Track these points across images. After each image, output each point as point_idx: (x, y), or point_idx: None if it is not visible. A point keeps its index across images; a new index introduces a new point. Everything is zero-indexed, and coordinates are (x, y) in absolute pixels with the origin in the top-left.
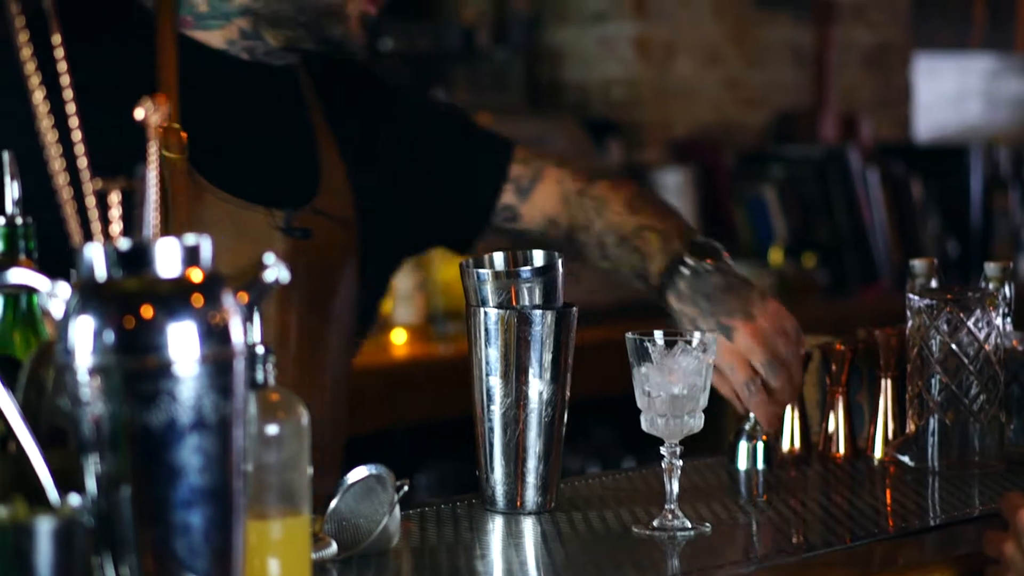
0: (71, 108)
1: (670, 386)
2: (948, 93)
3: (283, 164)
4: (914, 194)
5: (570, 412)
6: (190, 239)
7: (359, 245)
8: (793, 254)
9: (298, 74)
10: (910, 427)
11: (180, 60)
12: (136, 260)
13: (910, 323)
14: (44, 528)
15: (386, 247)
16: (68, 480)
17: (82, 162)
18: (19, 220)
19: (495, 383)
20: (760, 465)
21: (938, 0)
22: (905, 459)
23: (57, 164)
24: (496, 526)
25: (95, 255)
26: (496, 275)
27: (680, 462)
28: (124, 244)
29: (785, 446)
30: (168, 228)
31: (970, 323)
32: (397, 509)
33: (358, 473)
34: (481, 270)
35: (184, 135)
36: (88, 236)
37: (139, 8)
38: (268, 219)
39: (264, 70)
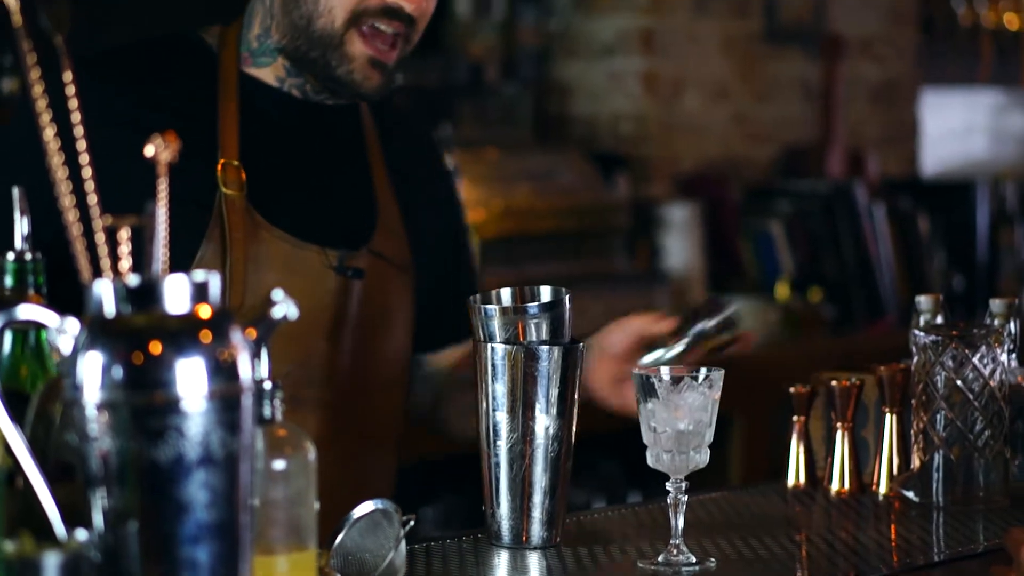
0: (82, 144)
1: (676, 422)
2: (955, 128)
3: (340, 204)
4: (920, 229)
5: (575, 446)
6: (198, 275)
7: (415, 290)
8: (800, 289)
9: (360, 116)
10: (915, 463)
11: (241, 97)
12: (145, 296)
13: (915, 359)
14: (51, 563)
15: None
16: (75, 515)
17: (92, 198)
18: (28, 256)
19: (502, 418)
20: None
21: (945, 35)
22: (910, 494)
23: (67, 200)
24: (502, 561)
25: (104, 291)
26: (503, 311)
27: (685, 497)
28: (133, 280)
29: (790, 481)
30: (226, 264)
31: (975, 359)
32: (403, 544)
33: (364, 508)
34: (488, 306)
35: (243, 173)
36: (97, 272)
37: (204, 47)
38: (322, 258)
39: (324, 110)
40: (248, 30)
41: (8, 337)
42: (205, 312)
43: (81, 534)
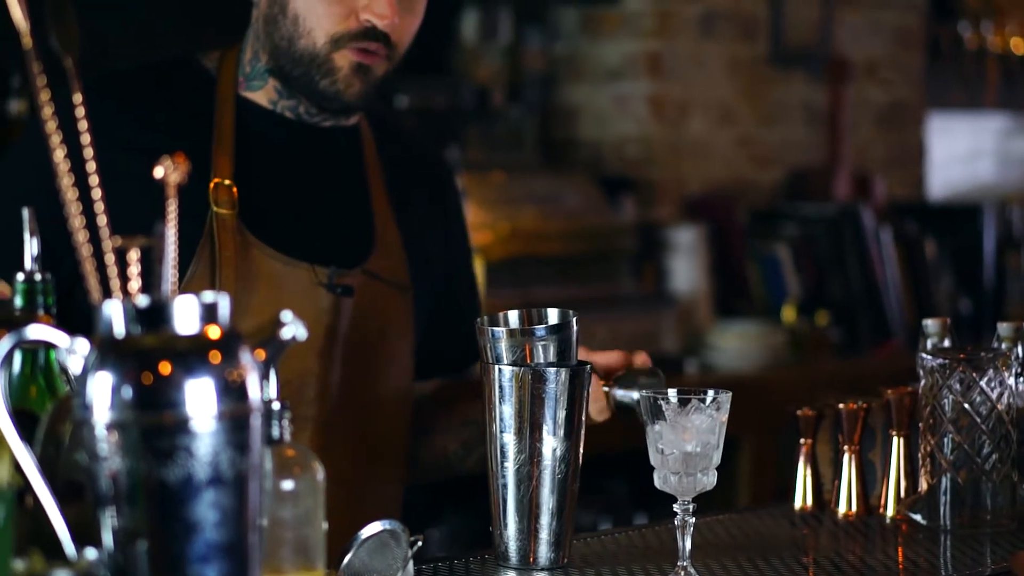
0: (91, 166)
1: (683, 444)
2: (961, 152)
3: (334, 224)
4: (927, 253)
5: (583, 468)
6: (208, 296)
7: (416, 313)
8: (806, 312)
9: (361, 139)
10: (922, 485)
11: (237, 119)
12: (154, 317)
13: (923, 382)
14: None
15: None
16: (85, 534)
17: (102, 219)
18: (38, 276)
19: (509, 440)
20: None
21: (952, 59)
22: (917, 517)
23: (77, 221)
24: None
25: (114, 312)
26: (511, 333)
27: (693, 519)
28: (142, 301)
29: (797, 503)
30: (216, 283)
31: (983, 383)
32: (411, 564)
33: (372, 528)
34: (496, 328)
35: (235, 192)
36: (107, 293)
37: (203, 71)
38: (311, 276)
39: (323, 133)
40: (243, 54)
41: (18, 357)
42: (214, 333)
43: (91, 553)
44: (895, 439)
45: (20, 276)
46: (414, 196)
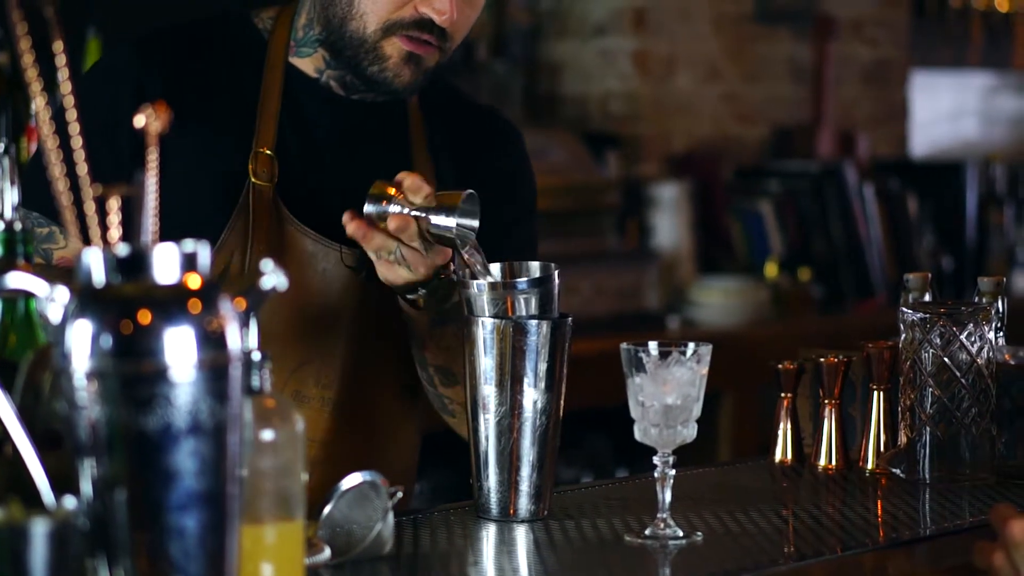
0: (72, 115)
1: (664, 396)
2: (945, 110)
3: None
4: (910, 210)
5: (565, 423)
6: (187, 245)
7: None
8: (789, 268)
9: (408, 112)
10: (902, 439)
11: (285, 88)
12: (134, 266)
13: (903, 336)
14: (39, 530)
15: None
16: (64, 483)
17: (82, 168)
18: (18, 225)
19: (490, 392)
20: None
21: (936, 17)
22: (897, 471)
23: (57, 170)
24: (489, 533)
25: (93, 260)
26: (492, 286)
27: (673, 471)
28: (122, 250)
29: (777, 457)
30: (247, 254)
31: (963, 337)
32: (391, 515)
33: (352, 480)
34: (477, 281)
35: (276, 164)
36: (87, 241)
37: (255, 30)
38: (340, 256)
39: (369, 109)
40: (298, 17)
41: None
42: (194, 282)
43: (70, 502)
44: (875, 393)
45: (0, 225)
46: (465, 171)
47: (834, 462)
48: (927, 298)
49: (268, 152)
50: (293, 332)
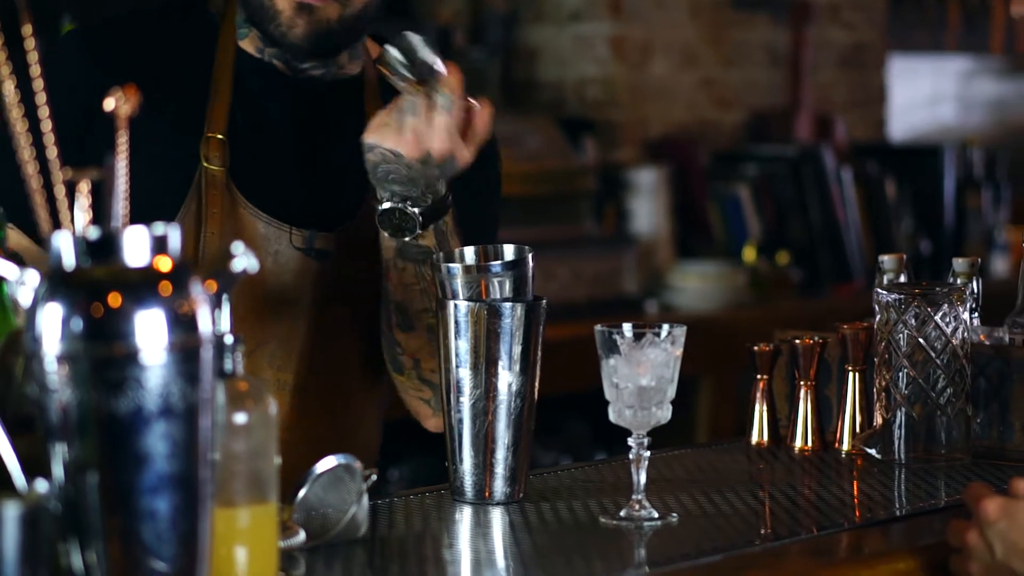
0: (41, 98)
1: (638, 378)
2: (923, 94)
3: (325, 185)
4: (888, 194)
5: (543, 407)
6: (158, 228)
7: None
8: (767, 252)
9: (364, 90)
10: (877, 420)
11: (235, 72)
12: (104, 249)
13: (878, 317)
14: (10, 514)
15: None
16: (35, 466)
17: (52, 152)
18: None
19: (464, 375)
20: None
21: (913, 2)
22: (872, 451)
23: (26, 154)
24: (464, 516)
25: (64, 244)
26: (467, 269)
27: (647, 453)
28: (93, 233)
29: (753, 438)
30: (201, 239)
31: (937, 317)
32: (365, 498)
33: (327, 463)
34: (452, 264)
35: (227, 148)
36: (57, 225)
37: (207, 16)
38: (289, 237)
39: (318, 85)
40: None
41: None
42: (165, 264)
43: (41, 485)
44: (851, 374)
45: None
46: None
47: (810, 443)
48: (902, 279)
49: (219, 136)
50: (247, 315)
